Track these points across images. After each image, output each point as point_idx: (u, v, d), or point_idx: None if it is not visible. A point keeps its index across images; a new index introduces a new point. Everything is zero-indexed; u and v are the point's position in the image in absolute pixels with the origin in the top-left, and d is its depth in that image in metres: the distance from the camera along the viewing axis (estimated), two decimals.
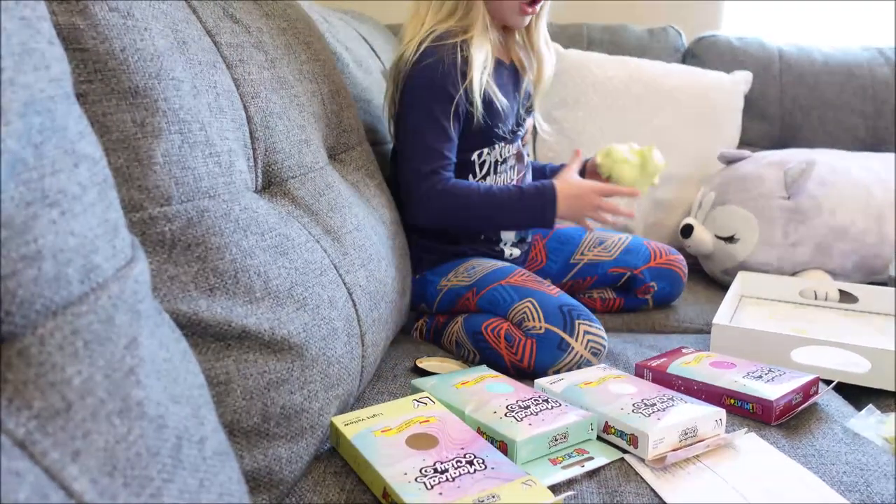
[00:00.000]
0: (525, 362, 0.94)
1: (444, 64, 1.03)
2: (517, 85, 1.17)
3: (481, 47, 1.06)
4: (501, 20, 1.11)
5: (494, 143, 1.12)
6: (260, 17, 0.82)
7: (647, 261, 1.20)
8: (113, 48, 0.53)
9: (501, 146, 1.13)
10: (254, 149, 0.71)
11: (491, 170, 1.13)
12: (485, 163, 1.12)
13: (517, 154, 1.17)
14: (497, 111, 1.09)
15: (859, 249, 1.33)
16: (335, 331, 0.71)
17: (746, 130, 1.68)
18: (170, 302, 0.54)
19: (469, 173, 1.12)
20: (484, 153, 1.12)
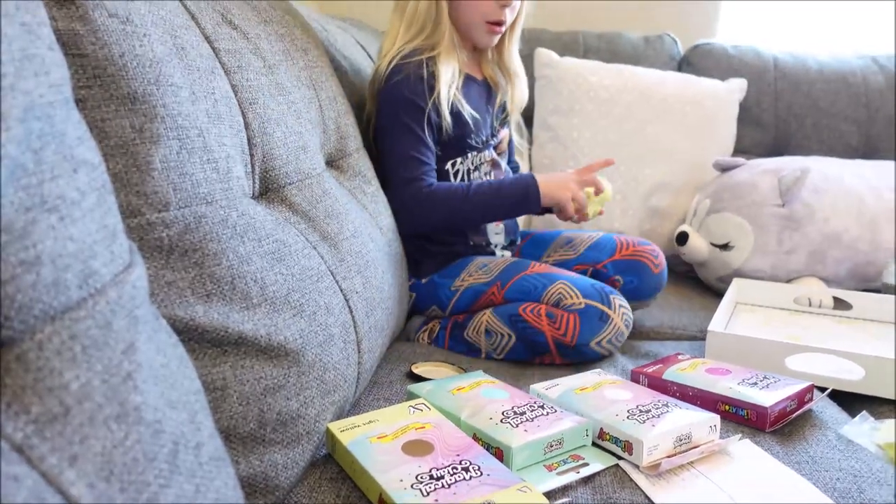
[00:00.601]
0: (569, 336, 0.98)
1: (412, 79, 1.07)
2: (489, 98, 1.21)
3: (448, 63, 1.09)
4: (470, 40, 1.16)
5: (467, 153, 1.15)
6: (258, 24, 0.83)
7: (612, 254, 1.18)
8: (112, 54, 0.53)
9: (474, 155, 1.16)
10: (251, 155, 0.71)
11: (465, 178, 1.16)
12: (458, 171, 1.15)
13: (492, 161, 1.19)
14: (466, 122, 1.12)
15: (853, 257, 1.34)
16: (332, 337, 0.71)
17: (741, 138, 1.69)
18: (167, 307, 0.54)
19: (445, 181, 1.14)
20: (457, 162, 1.14)
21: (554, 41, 1.76)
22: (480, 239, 1.18)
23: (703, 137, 1.60)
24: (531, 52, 1.66)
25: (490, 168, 1.19)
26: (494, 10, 1.10)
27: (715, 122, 1.62)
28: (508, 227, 1.23)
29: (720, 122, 1.63)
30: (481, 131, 1.16)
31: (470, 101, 1.14)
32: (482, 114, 1.16)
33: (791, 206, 1.34)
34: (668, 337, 1.21)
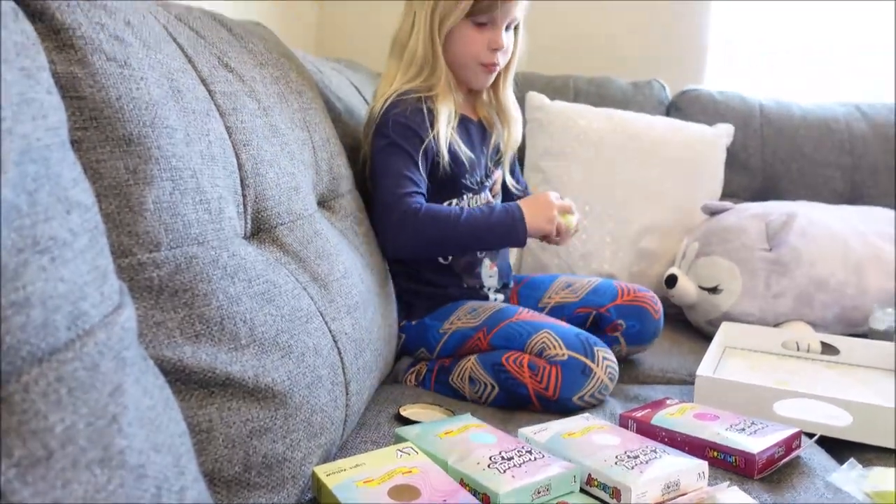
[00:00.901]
0: (551, 390, 0.97)
1: (410, 111, 1.08)
2: (484, 139, 1.22)
3: (445, 104, 1.11)
4: (465, 82, 1.18)
5: (463, 194, 1.15)
6: (254, 67, 0.84)
7: (614, 299, 1.20)
8: (109, 96, 0.54)
9: (470, 196, 1.16)
10: (244, 195, 0.72)
11: None
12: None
13: (487, 203, 1.19)
14: (462, 162, 1.13)
15: (839, 301, 1.35)
16: (319, 379, 0.71)
17: (729, 182, 1.72)
18: (155, 348, 0.54)
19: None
20: (453, 203, 1.14)
21: (545, 85, 1.79)
22: (474, 282, 1.18)
23: (692, 181, 1.63)
24: (523, 96, 1.68)
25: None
26: (486, 54, 1.12)
27: (703, 167, 1.65)
28: (502, 271, 1.23)
29: (708, 166, 1.66)
30: (476, 171, 1.17)
31: (465, 141, 1.15)
32: (477, 154, 1.18)
33: (778, 251, 1.35)
34: (657, 381, 1.21)
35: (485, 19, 1.10)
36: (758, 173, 1.75)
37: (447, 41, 1.11)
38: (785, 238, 1.35)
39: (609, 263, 1.57)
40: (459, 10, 1.09)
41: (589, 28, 2.02)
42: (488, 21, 1.11)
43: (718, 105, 1.79)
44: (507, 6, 1.10)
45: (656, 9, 1.99)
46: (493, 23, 1.11)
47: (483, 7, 1.09)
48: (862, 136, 1.74)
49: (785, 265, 1.35)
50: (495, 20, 1.11)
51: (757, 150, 1.75)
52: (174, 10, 0.77)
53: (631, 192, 1.59)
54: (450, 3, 1.08)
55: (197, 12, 0.83)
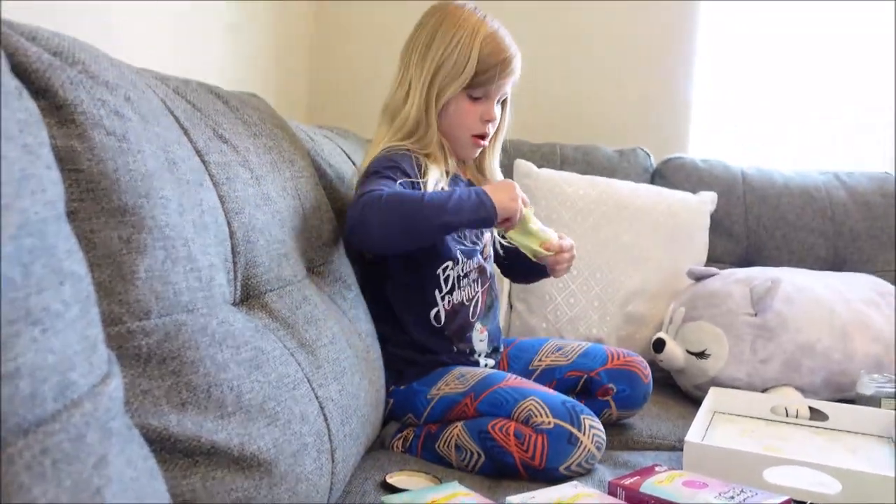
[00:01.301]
0: (537, 460, 0.96)
1: (399, 154, 1.11)
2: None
3: (436, 165, 1.13)
4: (454, 151, 1.20)
5: (456, 256, 1.16)
6: (248, 137, 0.87)
7: (604, 363, 1.20)
8: (106, 169, 0.56)
9: (463, 261, 1.17)
10: (234, 263, 0.73)
11: (455, 284, 1.16)
12: (448, 277, 1.15)
13: (479, 268, 1.20)
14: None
15: (826, 366, 1.36)
16: (305, 446, 0.70)
17: (714, 247, 1.74)
18: (141, 416, 0.54)
19: (435, 288, 1.14)
20: (448, 268, 1.15)
21: (533, 152, 1.84)
22: (465, 346, 1.18)
23: (677, 247, 1.65)
24: (511, 163, 1.72)
25: (478, 275, 1.20)
26: (479, 126, 1.16)
27: (688, 232, 1.68)
28: (492, 335, 1.24)
29: (693, 232, 1.69)
30: (467, 231, 1.18)
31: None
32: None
33: (764, 316, 1.37)
34: (646, 447, 1.20)
35: (480, 93, 1.15)
36: (742, 239, 1.78)
37: (442, 111, 1.15)
38: (770, 303, 1.37)
39: (597, 327, 1.57)
40: (458, 83, 1.12)
41: (575, 97, 2.09)
42: (483, 95, 1.15)
43: (702, 173, 1.83)
44: (502, 82, 1.15)
45: (641, 78, 2.06)
46: (488, 96, 1.16)
47: (481, 81, 1.13)
48: (842, 203, 1.78)
49: (771, 330, 1.36)
50: (490, 94, 1.15)
51: (740, 216, 1.78)
52: (172, 84, 0.80)
53: (618, 257, 1.61)
54: (448, 76, 1.12)
55: (194, 84, 0.87)
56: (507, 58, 1.14)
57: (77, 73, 0.57)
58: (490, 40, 1.13)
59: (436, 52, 1.13)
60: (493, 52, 1.13)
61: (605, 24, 2.06)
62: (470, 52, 1.11)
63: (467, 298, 1.18)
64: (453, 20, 1.13)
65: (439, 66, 1.13)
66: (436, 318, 1.15)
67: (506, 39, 1.15)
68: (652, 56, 2.05)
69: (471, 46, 1.11)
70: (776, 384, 1.36)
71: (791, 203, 1.78)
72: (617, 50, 2.06)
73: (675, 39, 2.04)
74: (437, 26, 1.14)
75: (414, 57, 1.15)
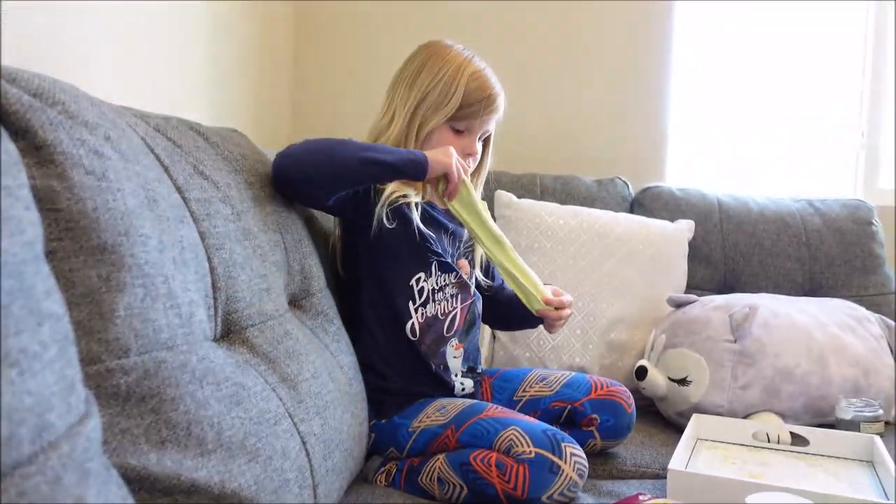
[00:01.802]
0: (519, 490, 0.95)
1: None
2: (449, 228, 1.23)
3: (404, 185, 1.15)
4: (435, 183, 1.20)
5: (430, 268, 1.16)
6: (229, 173, 0.88)
7: (588, 393, 1.21)
8: (86, 208, 0.56)
9: (437, 274, 1.17)
10: (215, 298, 0.73)
11: (430, 297, 1.16)
12: (423, 289, 1.16)
13: (459, 283, 1.21)
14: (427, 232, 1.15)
15: (805, 391, 1.37)
16: (287, 482, 0.70)
17: (693, 275, 1.77)
18: (119, 456, 0.54)
19: (408, 300, 1.15)
20: (421, 279, 1.16)
21: (513, 183, 1.86)
22: (439, 361, 1.18)
23: (657, 274, 1.67)
24: (492, 194, 1.74)
25: (457, 291, 1.20)
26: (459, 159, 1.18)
27: (667, 260, 1.70)
28: (468, 353, 1.23)
29: (672, 260, 1.71)
30: (437, 244, 1.18)
31: (426, 219, 1.18)
32: (437, 233, 1.19)
33: (743, 342, 1.38)
34: (630, 475, 1.20)
35: (462, 127, 1.18)
36: (720, 266, 1.81)
37: (425, 141, 1.18)
38: (748, 330, 1.39)
39: (580, 356, 1.58)
40: (441, 115, 1.16)
41: (554, 129, 2.12)
42: (465, 129, 1.18)
43: (679, 201, 1.86)
44: (486, 118, 1.19)
45: (618, 110, 2.10)
46: (470, 131, 1.19)
47: (464, 115, 1.17)
48: (816, 230, 1.81)
49: (750, 356, 1.37)
50: (472, 129, 1.19)
51: (718, 244, 1.81)
52: (153, 121, 0.81)
53: (599, 285, 1.63)
54: (433, 106, 1.16)
55: (174, 121, 0.87)
56: (492, 95, 1.19)
57: (57, 113, 0.58)
58: (477, 77, 1.18)
59: (422, 82, 1.17)
60: (479, 88, 1.17)
61: (583, 58, 2.10)
62: (456, 85, 1.16)
63: (442, 312, 1.18)
64: (442, 56, 1.18)
65: (424, 95, 1.16)
66: (411, 332, 1.15)
67: (492, 79, 1.20)
68: (629, 88, 2.10)
69: (457, 80, 1.16)
70: (757, 410, 1.37)
71: (767, 230, 1.81)
72: (594, 82, 2.10)
73: (651, 72, 2.08)
74: (426, 60, 1.18)
75: (400, 88, 1.19)
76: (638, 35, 2.08)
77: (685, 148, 2.14)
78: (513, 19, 2.09)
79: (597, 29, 2.09)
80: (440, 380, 1.18)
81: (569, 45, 2.10)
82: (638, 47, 2.08)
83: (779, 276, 1.78)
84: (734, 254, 1.80)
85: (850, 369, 1.41)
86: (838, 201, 1.89)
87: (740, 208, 1.85)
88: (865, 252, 1.80)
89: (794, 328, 1.43)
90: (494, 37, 2.08)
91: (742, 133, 2.15)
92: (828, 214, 1.84)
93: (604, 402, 1.21)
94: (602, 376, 1.29)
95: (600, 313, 1.61)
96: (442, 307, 1.18)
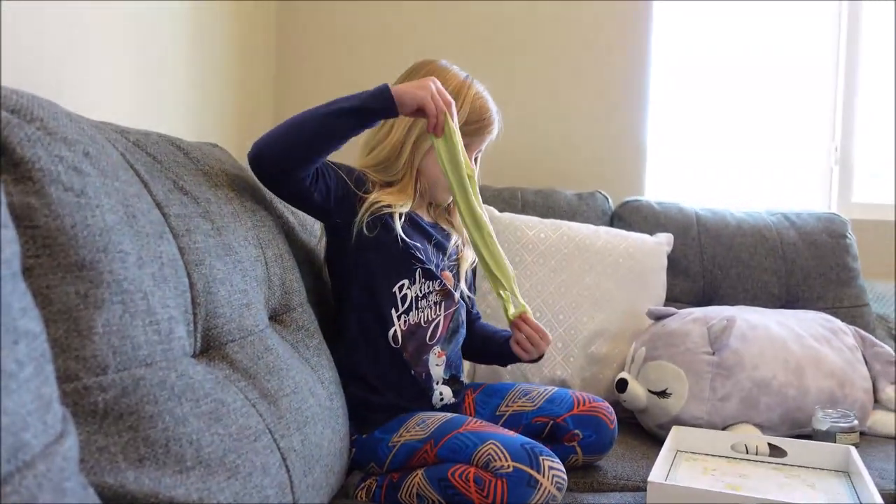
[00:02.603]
0: None
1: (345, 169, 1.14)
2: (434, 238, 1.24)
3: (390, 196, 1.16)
4: (431, 196, 1.24)
5: (414, 275, 1.17)
6: (209, 188, 0.88)
7: (570, 408, 1.21)
8: (64, 225, 0.56)
9: (422, 281, 1.18)
10: (194, 314, 0.73)
11: (413, 304, 1.17)
12: (406, 296, 1.16)
13: (443, 291, 1.21)
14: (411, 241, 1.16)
15: (783, 403, 1.39)
16: (266, 499, 0.70)
17: (672, 287, 1.78)
18: (96, 475, 0.53)
19: (391, 307, 1.15)
20: (405, 286, 1.16)
21: (494, 197, 1.87)
22: (421, 369, 1.18)
23: (637, 287, 1.69)
24: None
25: (441, 298, 1.21)
26: None
27: (646, 273, 1.71)
28: (451, 360, 1.23)
29: (651, 273, 1.72)
30: (421, 253, 1.19)
31: (412, 228, 1.18)
32: (422, 244, 1.20)
33: (721, 354, 1.40)
34: (611, 488, 1.21)
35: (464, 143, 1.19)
36: (698, 279, 1.83)
37: (422, 155, 1.19)
38: (726, 342, 1.40)
39: (561, 369, 1.59)
40: None
41: (535, 143, 2.14)
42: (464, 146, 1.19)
43: (658, 215, 1.88)
44: (485, 137, 1.23)
45: (598, 125, 2.13)
46: (468, 148, 1.20)
47: (465, 132, 1.17)
48: (792, 242, 1.84)
49: (729, 368, 1.39)
50: (470, 147, 1.21)
51: (696, 257, 1.83)
52: (132, 137, 0.81)
53: (579, 298, 1.64)
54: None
55: (154, 137, 0.87)
56: (491, 116, 1.23)
57: (35, 129, 0.58)
58: (479, 97, 1.22)
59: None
60: (482, 107, 1.22)
61: (564, 74, 2.13)
62: (461, 103, 1.19)
63: (425, 320, 1.18)
64: (443, 74, 1.20)
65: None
66: (393, 339, 1.15)
67: (491, 101, 1.24)
68: (608, 104, 2.12)
69: (462, 98, 1.19)
70: (735, 421, 1.38)
71: (744, 243, 1.83)
72: (575, 98, 2.13)
73: (630, 88, 2.12)
74: (429, 76, 1.16)
75: None
76: (616, 52, 2.11)
77: (664, 162, 2.17)
78: (494, 34, 2.12)
79: (576, 46, 2.12)
80: (421, 388, 1.18)
81: (549, 61, 2.13)
82: (616, 64, 2.11)
83: (756, 288, 1.80)
84: (712, 266, 1.82)
85: (826, 380, 1.43)
86: (813, 214, 1.92)
87: (718, 222, 1.87)
88: (840, 265, 1.83)
89: (771, 340, 1.45)
90: (473, 52, 2.10)
91: (719, 147, 2.19)
92: (803, 228, 1.87)
93: (586, 418, 1.21)
94: (584, 391, 1.29)
95: (581, 326, 1.62)
96: (425, 315, 1.18)
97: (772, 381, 1.39)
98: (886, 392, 1.48)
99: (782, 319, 1.54)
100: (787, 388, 1.39)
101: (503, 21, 2.11)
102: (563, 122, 2.13)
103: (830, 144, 2.16)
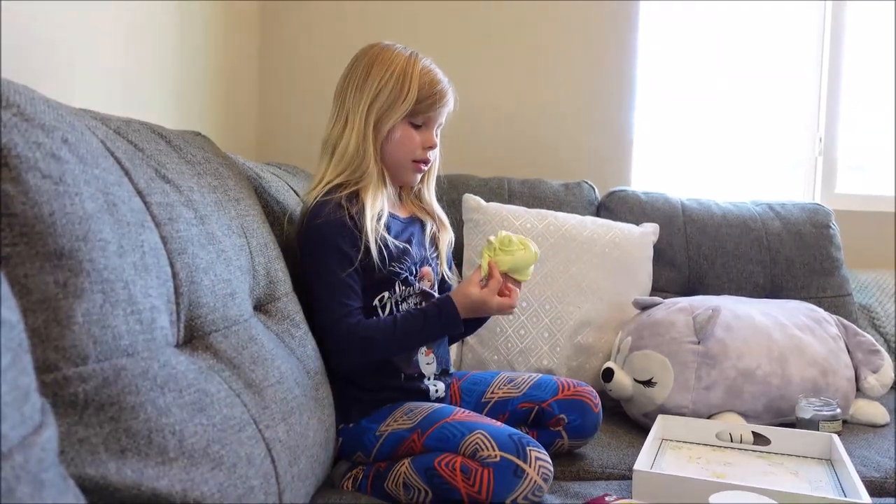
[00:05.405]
0: (483, 493, 0.95)
1: (335, 223, 1.11)
2: (415, 233, 1.24)
3: (375, 196, 1.15)
4: (396, 178, 1.23)
5: (394, 283, 1.17)
6: (192, 177, 0.86)
7: (555, 393, 1.23)
8: (42, 213, 0.55)
9: (402, 289, 1.18)
10: (177, 304, 0.72)
11: (394, 310, 1.17)
12: (386, 305, 1.16)
13: (421, 293, 1.21)
14: (392, 256, 1.15)
15: (766, 392, 1.40)
16: (251, 490, 0.69)
17: (658, 277, 1.79)
18: (77, 466, 0.53)
19: (373, 317, 1.15)
20: (385, 297, 1.16)
21: (481, 187, 1.87)
22: (412, 370, 1.18)
23: (623, 277, 1.69)
24: (459, 197, 1.75)
25: (421, 300, 1.21)
26: (421, 152, 1.20)
27: (632, 263, 1.72)
28: (439, 357, 1.24)
29: (637, 263, 1.73)
30: (405, 261, 1.19)
31: (398, 235, 1.18)
32: (404, 246, 1.19)
33: (706, 344, 1.41)
34: (597, 476, 1.21)
35: (420, 121, 1.19)
36: (684, 269, 1.83)
37: (386, 139, 1.18)
38: (711, 331, 1.41)
39: (548, 358, 1.59)
40: (400, 112, 1.16)
41: (522, 133, 2.13)
42: (423, 123, 1.19)
43: (644, 205, 1.88)
44: (441, 110, 1.20)
45: (585, 115, 2.12)
46: (427, 125, 1.20)
47: (421, 108, 1.17)
48: (777, 233, 1.85)
49: (713, 357, 1.40)
50: (429, 122, 1.20)
51: (682, 247, 1.84)
52: (113, 124, 0.80)
53: (565, 288, 1.64)
54: (387, 106, 1.16)
55: (136, 124, 0.86)
56: (444, 88, 1.20)
57: (11, 115, 0.56)
58: (427, 72, 1.19)
59: (372, 83, 1.16)
60: (431, 82, 1.18)
61: (550, 64, 2.12)
62: (410, 81, 1.16)
63: None
64: (387, 55, 1.18)
65: (376, 95, 1.16)
66: None
67: (440, 72, 1.21)
68: (595, 94, 2.12)
69: (410, 76, 1.17)
70: (720, 410, 1.39)
71: (729, 233, 1.84)
72: (562, 88, 2.12)
73: (617, 78, 2.11)
74: (372, 62, 1.18)
75: (349, 92, 1.18)
76: (603, 42, 2.11)
77: (650, 153, 2.17)
78: (479, 23, 2.10)
79: (563, 35, 2.11)
80: (415, 387, 1.18)
81: (536, 51, 2.12)
82: (603, 54, 2.11)
83: (741, 278, 1.81)
84: (697, 257, 1.83)
85: (809, 369, 1.44)
86: (797, 205, 1.93)
87: (703, 212, 1.88)
88: (824, 255, 1.85)
89: (755, 330, 1.46)
90: (460, 42, 2.08)
91: (705, 138, 2.19)
92: (787, 218, 1.88)
93: (571, 403, 1.22)
94: (567, 377, 1.30)
95: (567, 316, 1.62)
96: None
97: (756, 371, 1.40)
98: (869, 381, 1.50)
99: (767, 309, 1.55)
100: (770, 377, 1.41)
101: (488, 9, 2.10)
102: (550, 112, 2.13)
103: (814, 136, 2.17)
